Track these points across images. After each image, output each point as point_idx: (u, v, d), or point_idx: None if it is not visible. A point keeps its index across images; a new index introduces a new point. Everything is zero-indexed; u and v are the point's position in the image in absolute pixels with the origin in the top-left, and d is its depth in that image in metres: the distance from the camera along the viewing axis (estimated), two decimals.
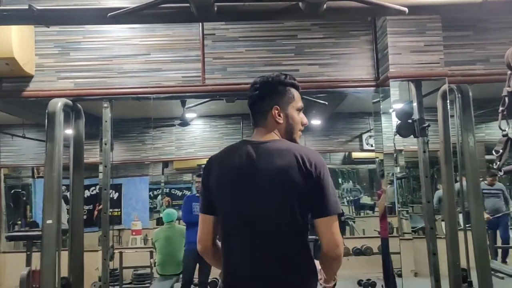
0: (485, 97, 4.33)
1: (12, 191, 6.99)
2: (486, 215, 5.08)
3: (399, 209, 3.34)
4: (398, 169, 3.29)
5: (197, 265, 4.81)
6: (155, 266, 5.34)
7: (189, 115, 5.39)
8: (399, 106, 2.96)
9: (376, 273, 4.98)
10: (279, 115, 1.62)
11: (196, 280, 4.90)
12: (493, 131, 4.84)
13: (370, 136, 6.22)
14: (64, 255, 2.95)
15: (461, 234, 2.95)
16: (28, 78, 2.94)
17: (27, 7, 1.88)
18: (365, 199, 7.91)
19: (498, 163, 1.86)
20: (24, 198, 7.01)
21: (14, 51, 2.71)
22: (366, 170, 7.91)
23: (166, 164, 7.29)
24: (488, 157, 5.16)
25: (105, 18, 1.91)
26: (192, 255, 4.67)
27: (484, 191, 5.42)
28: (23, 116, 4.97)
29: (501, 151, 1.84)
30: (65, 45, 2.99)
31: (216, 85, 2.97)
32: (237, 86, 2.98)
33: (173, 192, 7.86)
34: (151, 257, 5.58)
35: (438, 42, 2.84)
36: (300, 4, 1.95)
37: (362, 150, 6.45)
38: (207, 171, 1.64)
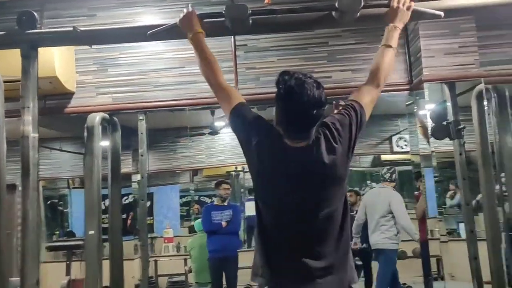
0: None
1: (49, 202, 7.17)
2: None
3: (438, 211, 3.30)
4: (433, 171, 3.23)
5: (223, 273, 4.81)
6: (189, 273, 5.40)
7: (218, 124, 5.45)
8: (432, 108, 2.94)
9: (411, 277, 4.90)
10: None
11: None
12: None
13: (400, 138, 6.13)
14: (105, 264, 3.03)
15: None
16: (69, 95, 3.07)
17: (71, 29, 1.97)
18: None
19: None
20: (61, 208, 7.17)
21: (56, 70, 2.83)
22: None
23: (195, 172, 7.37)
24: None
25: (145, 36, 1.98)
26: (216, 264, 4.72)
27: None
28: (61, 129, 5.12)
29: None
30: (104, 61, 3.10)
31: (250, 94, 3.00)
32: (270, 95, 2.96)
33: (202, 199, 7.93)
34: (185, 264, 5.64)
35: (472, 43, 2.80)
36: (334, 13, 1.97)
37: (392, 152, 6.35)
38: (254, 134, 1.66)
